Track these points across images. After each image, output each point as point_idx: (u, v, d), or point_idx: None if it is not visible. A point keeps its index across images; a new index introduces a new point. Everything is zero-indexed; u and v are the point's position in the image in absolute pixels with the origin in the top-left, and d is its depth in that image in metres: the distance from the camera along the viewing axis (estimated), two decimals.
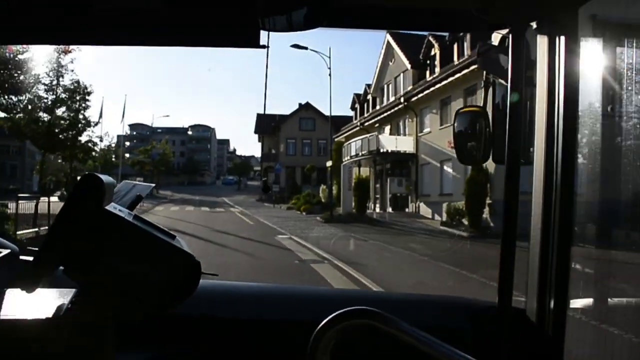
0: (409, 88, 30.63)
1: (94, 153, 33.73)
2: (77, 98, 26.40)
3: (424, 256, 14.21)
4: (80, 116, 26.83)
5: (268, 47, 1.61)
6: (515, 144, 1.55)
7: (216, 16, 1.61)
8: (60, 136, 26.30)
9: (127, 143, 68.93)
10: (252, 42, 1.59)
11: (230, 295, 1.93)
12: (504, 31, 1.64)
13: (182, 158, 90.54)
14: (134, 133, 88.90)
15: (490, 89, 1.71)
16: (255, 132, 61.98)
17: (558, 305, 1.56)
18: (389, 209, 30.39)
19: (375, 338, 1.20)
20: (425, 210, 28.00)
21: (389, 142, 31.04)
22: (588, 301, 1.96)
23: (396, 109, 31.13)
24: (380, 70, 36.43)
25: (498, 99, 1.70)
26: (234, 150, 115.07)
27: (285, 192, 45.65)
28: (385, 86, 35.83)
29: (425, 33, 28.87)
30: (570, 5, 1.53)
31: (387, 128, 33.62)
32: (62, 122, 26.26)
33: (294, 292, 1.99)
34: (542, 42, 1.59)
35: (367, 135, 32.34)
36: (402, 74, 32.90)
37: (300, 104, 58.74)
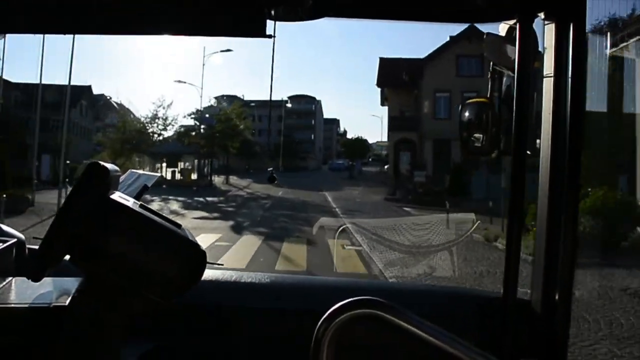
0: None
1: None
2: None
3: None
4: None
5: (274, 36, 1.60)
6: (522, 136, 1.54)
7: (223, 5, 1.61)
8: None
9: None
10: (259, 31, 1.59)
11: (235, 285, 1.94)
12: (512, 22, 1.63)
13: (278, 137, 67.46)
14: (223, 105, 61.28)
15: (497, 80, 1.70)
16: (378, 84, 41.53)
17: (563, 296, 1.56)
18: None
19: (380, 328, 1.20)
20: None
21: None
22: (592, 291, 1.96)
23: None
24: None
25: (505, 90, 1.69)
26: (345, 131, 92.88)
27: (438, 186, 26.90)
28: None
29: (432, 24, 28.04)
30: None
31: None
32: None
33: (300, 281, 2.00)
34: (549, 32, 1.57)
35: None
36: None
37: (452, 37, 33.52)
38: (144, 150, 39.63)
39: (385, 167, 55.90)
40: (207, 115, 43.97)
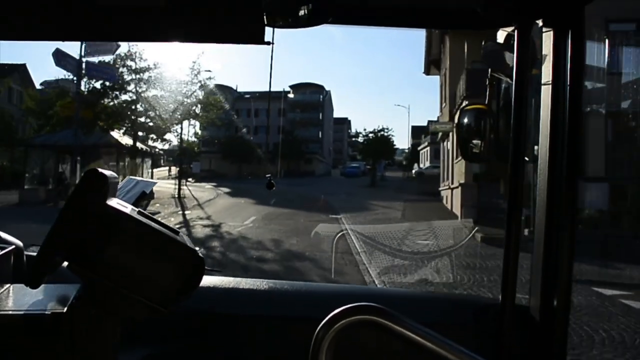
0: None
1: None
2: None
3: None
4: None
5: (273, 43, 1.61)
6: (519, 142, 1.54)
7: (222, 13, 1.62)
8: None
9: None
10: (257, 38, 1.59)
11: (233, 291, 1.94)
12: (510, 29, 1.64)
13: (278, 135, 53.86)
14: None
15: (495, 87, 1.71)
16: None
17: (561, 302, 1.56)
18: None
19: (379, 334, 1.20)
20: None
21: None
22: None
23: None
24: None
25: (503, 97, 1.69)
26: (357, 133, 72.99)
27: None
28: None
29: (431, 30, 27.48)
30: (577, 2, 1.52)
31: None
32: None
33: (298, 288, 1.99)
34: (547, 39, 1.58)
35: None
36: None
37: None
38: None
39: (413, 170, 50.47)
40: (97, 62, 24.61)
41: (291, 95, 60.54)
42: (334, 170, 60.64)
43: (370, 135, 51.03)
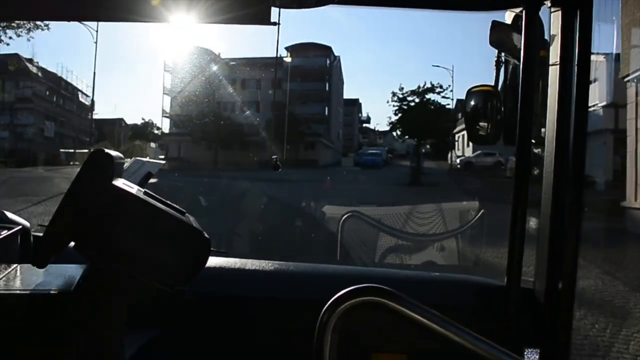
0: None
1: None
2: None
3: None
4: None
5: (279, 24, 1.59)
6: (526, 125, 1.53)
7: None
8: None
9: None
10: (263, 19, 1.58)
11: (239, 272, 1.95)
12: (518, 10, 1.62)
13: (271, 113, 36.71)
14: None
15: (503, 68, 1.69)
16: None
17: (566, 284, 1.56)
18: None
19: (384, 315, 1.21)
20: None
21: None
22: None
23: None
24: None
25: (510, 78, 1.68)
26: (368, 117, 60.78)
27: None
28: None
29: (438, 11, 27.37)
30: None
31: None
32: None
33: (303, 269, 2.00)
34: (555, 20, 1.56)
35: None
36: None
37: None
38: None
39: (458, 159, 33.27)
40: None
41: (288, 59, 41.06)
42: (345, 159, 43.43)
43: (412, 97, 32.90)
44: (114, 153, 1.29)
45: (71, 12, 1.75)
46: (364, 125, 60.56)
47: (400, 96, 33.49)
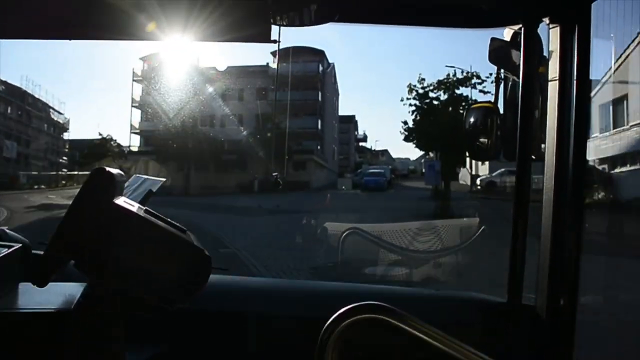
0: None
1: None
2: None
3: None
4: None
5: (279, 42, 1.61)
6: (526, 140, 1.54)
7: (228, 12, 1.62)
8: None
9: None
10: (264, 37, 1.59)
11: (239, 290, 1.94)
12: (516, 27, 1.63)
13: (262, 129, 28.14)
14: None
15: (502, 85, 1.70)
16: None
17: (568, 301, 1.55)
18: None
19: (385, 332, 1.20)
20: None
21: None
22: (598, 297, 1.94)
23: None
24: None
25: (509, 95, 1.69)
26: (365, 136, 56.86)
27: None
28: None
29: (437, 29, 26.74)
30: (583, 0, 1.51)
31: None
32: None
33: (303, 286, 2.00)
34: (554, 36, 1.57)
35: None
36: None
37: None
38: None
39: (478, 180, 26.85)
40: None
41: (273, 66, 34.10)
42: (342, 179, 36.97)
43: (434, 91, 24.43)
44: (115, 171, 1.29)
45: (68, 33, 1.76)
46: (360, 144, 56.47)
47: (421, 91, 24.06)
